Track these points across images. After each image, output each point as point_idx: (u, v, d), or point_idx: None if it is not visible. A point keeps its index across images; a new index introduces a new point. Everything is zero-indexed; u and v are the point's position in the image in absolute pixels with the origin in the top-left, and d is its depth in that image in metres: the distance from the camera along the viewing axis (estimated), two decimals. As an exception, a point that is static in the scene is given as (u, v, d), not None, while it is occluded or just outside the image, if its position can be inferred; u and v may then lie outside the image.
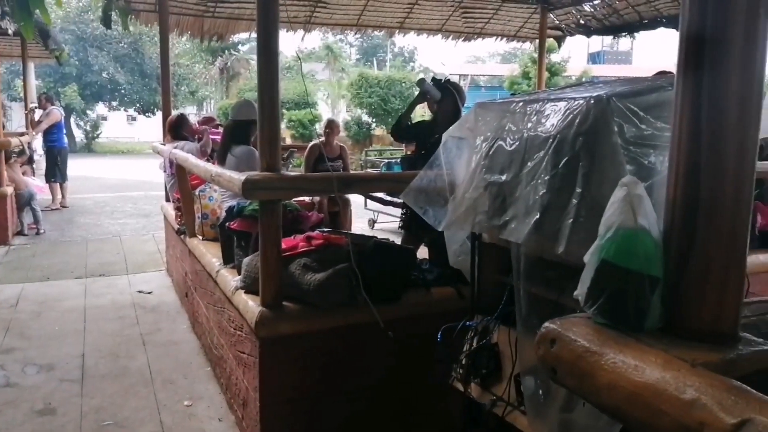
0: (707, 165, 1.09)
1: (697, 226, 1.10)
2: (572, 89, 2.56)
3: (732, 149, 1.09)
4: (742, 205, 1.11)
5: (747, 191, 1.10)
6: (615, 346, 1.07)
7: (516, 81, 21.38)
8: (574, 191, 2.00)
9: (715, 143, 1.09)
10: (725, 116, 1.09)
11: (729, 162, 1.09)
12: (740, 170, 1.10)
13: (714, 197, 1.09)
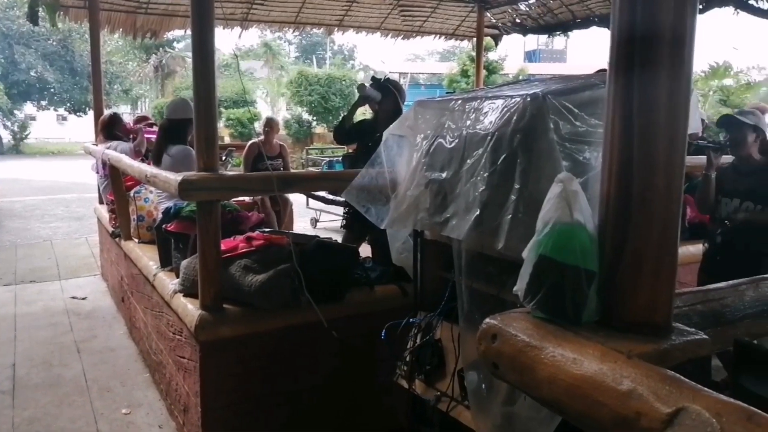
0: (639, 160, 1.12)
1: (631, 220, 1.13)
2: (509, 87, 2.60)
3: (662, 145, 1.12)
4: (673, 199, 1.14)
5: (677, 185, 1.14)
6: (554, 340, 1.09)
7: (455, 79, 21.61)
8: (512, 187, 2.03)
9: (646, 139, 1.12)
10: (655, 113, 1.12)
11: (660, 157, 1.12)
12: (670, 165, 1.13)
13: (646, 192, 1.12)
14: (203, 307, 2.95)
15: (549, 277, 1.16)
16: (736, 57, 42.74)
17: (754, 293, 1.40)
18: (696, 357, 1.07)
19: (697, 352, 1.08)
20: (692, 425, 0.83)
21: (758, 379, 1.22)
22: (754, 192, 3.61)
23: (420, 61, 50.90)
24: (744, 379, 1.24)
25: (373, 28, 7.96)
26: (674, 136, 1.13)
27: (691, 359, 1.06)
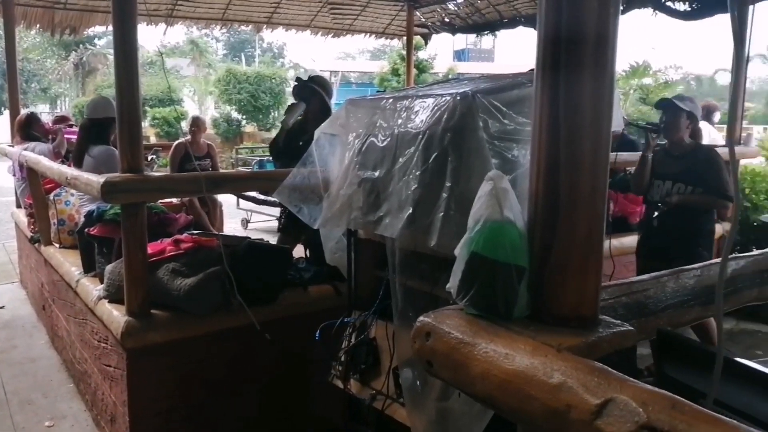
0: (566, 158, 1.15)
1: (559, 216, 1.15)
2: (439, 86, 2.63)
3: (587, 143, 1.15)
4: (598, 195, 1.17)
5: (602, 182, 1.17)
6: (486, 336, 1.10)
7: (386, 78, 21.70)
8: (444, 185, 2.05)
9: (572, 138, 1.15)
10: (580, 112, 1.15)
11: (585, 155, 1.15)
12: (595, 162, 1.16)
13: (573, 189, 1.15)
14: (129, 313, 2.86)
15: (481, 274, 1.17)
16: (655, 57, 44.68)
17: (675, 285, 1.45)
18: (622, 348, 1.10)
19: (623, 343, 1.11)
20: (620, 415, 0.85)
21: (680, 367, 1.27)
22: (685, 174, 3.79)
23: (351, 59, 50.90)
24: (667, 367, 1.29)
25: (303, 26, 7.89)
26: (599, 133, 1.16)
27: (618, 350, 1.10)
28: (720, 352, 1.05)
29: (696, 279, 1.50)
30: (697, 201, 3.74)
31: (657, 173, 3.93)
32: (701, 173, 3.73)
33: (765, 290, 1.68)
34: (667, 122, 3.87)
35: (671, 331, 1.38)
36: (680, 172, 3.81)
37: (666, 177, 3.87)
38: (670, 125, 3.84)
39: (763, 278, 1.66)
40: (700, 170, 3.73)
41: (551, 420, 0.95)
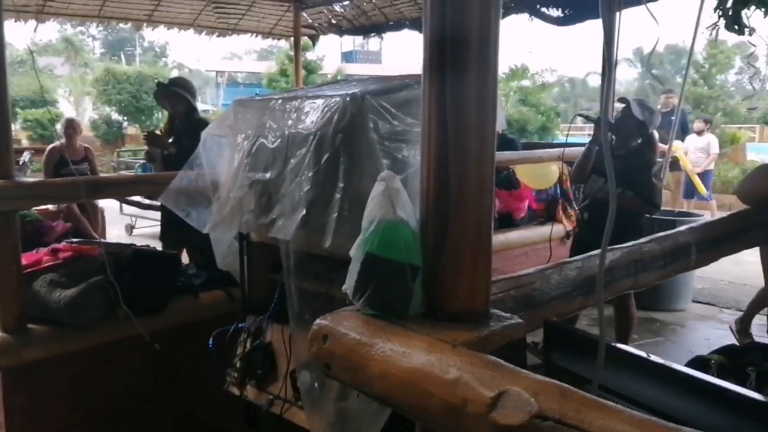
0: (454, 158, 1.17)
1: (449, 214, 1.17)
2: (329, 87, 2.62)
3: (474, 143, 1.17)
4: (486, 193, 1.20)
5: (489, 179, 1.20)
6: (383, 335, 1.10)
7: (274, 78, 21.43)
8: (337, 186, 2.05)
9: (460, 137, 1.17)
10: (466, 112, 1.17)
11: (472, 154, 1.18)
12: (482, 161, 1.19)
13: (461, 187, 1.17)
14: (4, 329, 2.65)
15: (377, 274, 1.17)
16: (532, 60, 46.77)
17: (558, 276, 1.52)
18: (513, 340, 1.14)
19: (514, 336, 1.15)
20: (514, 406, 0.88)
21: (566, 355, 1.33)
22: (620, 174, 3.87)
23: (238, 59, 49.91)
24: (554, 355, 1.35)
25: (186, 24, 7.62)
26: (484, 133, 1.19)
27: (509, 342, 1.13)
28: (602, 339, 1.10)
29: (578, 271, 1.57)
30: (622, 203, 3.86)
31: (597, 168, 4.05)
32: (634, 177, 3.83)
33: (639, 279, 1.79)
34: (617, 120, 3.98)
35: (556, 321, 1.44)
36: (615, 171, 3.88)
37: (602, 173, 3.99)
38: (619, 124, 3.96)
39: (637, 268, 1.78)
40: (634, 173, 3.82)
41: (448, 415, 0.96)
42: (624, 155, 3.93)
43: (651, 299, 5.27)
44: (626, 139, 3.94)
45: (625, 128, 3.92)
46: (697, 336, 5.21)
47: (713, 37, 3.29)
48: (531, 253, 5.26)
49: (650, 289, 1.91)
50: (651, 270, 1.85)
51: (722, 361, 1.75)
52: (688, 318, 5.62)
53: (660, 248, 1.90)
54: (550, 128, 18.31)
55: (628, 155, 3.91)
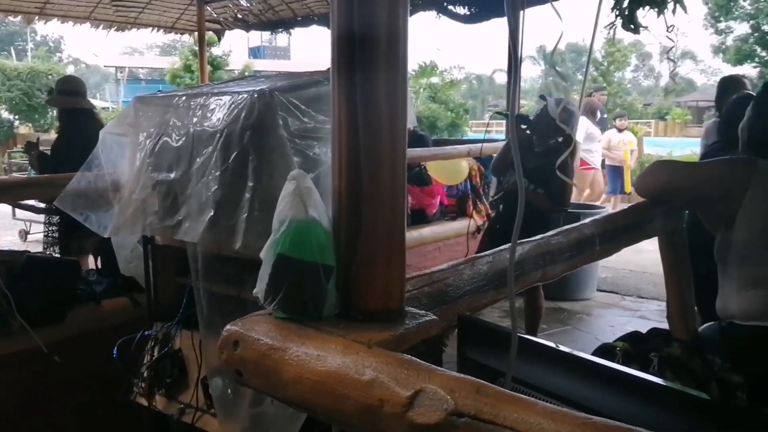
0: (366, 155, 1.16)
1: (362, 212, 1.16)
2: (236, 83, 2.57)
3: (386, 140, 1.17)
4: (398, 190, 1.20)
5: (401, 176, 1.20)
6: (297, 339, 1.08)
7: (178, 74, 20.81)
8: (246, 185, 2.01)
9: (371, 135, 1.16)
10: (377, 110, 1.16)
11: (384, 151, 1.17)
12: (394, 158, 1.18)
13: (374, 185, 1.16)
14: None
15: (288, 276, 1.15)
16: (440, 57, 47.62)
17: (470, 271, 1.54)
18: (428, 337, 1.14)
19: (429, 332, 1.15)
20: (430, 404, 0.88)
21: (480, 349, 1.35)
22: (536, 171, 3.93)
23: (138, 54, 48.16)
24: (468, 350, 1.37)
25: (81, 17, 7.26)
26: (395, 129, 1.19)
27: (424, 340, 1.13)
28: (514, 331, 1.12)
29: (489, 265, 1.60)
30: (532, 199, 3.95)
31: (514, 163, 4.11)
32: (548, 177, 3.91)
33: (547, 271, 1.85)
34: (536, 118, 4.05)
35: (470, 316, 1.46)
36: (532, 168, 3.93)
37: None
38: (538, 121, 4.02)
39: (545, 260, 1.83)
40: (548, 174, 3.91)
41: (365, 416, 0.95)
42: (542, 152, 4.04)
43: (558, 289, 5.48)
44: (545, 136, 4.05)
45: (544, 126, 4.03)
46: (602, 323, 5.47)
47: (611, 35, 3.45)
48: (444, 248, 5.36)
49: (558, 279, 1.98)
50: (558, 262, 1.91)
51: (626, 348, 1.83)
52: (593, 306, 5.89)
53: (566, 241, 1.96)
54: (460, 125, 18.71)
55: (547, 153, 4.02)
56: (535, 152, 4.07)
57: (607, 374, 1.22)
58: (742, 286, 2.13)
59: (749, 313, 2.10)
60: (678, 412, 1.10)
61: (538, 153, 4.05)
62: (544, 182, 3.95)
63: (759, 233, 2.08)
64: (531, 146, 4.13)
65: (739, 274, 2.15)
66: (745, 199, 2.07)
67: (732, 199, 2.10)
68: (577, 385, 1.18)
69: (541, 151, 4.06)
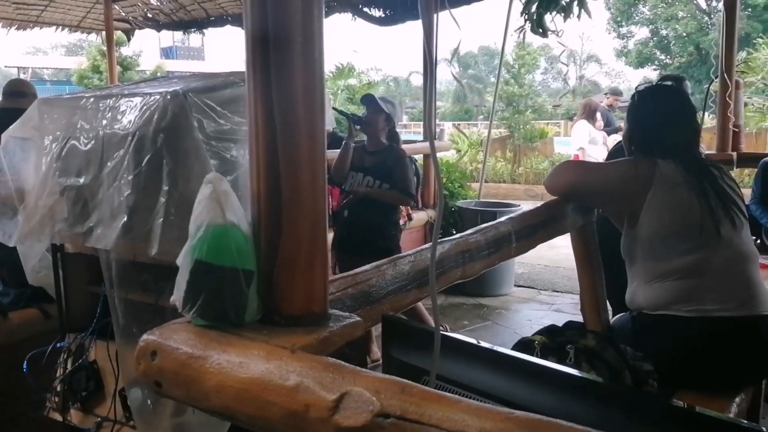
0: (284, 157, 1.14)
1: (282, 215, 1.14)
2: (147, 84, 2.49)
3: (304, 141, 1.16)
4: (319, 191, 1.19)
5: (321, 177, 1.19)
6: (218, 346, 1.05)
7: (86, 75, 19.97)
8: (161, 189, 1.95)
9: (289, 136, 1.15)
10: (294, 110, 1.15)
11: (303, 153, 1.16)
12: (313, 159, 1.17)
13: (293, 186, 1.15)
14: None
15: (207, 282, 1.11)
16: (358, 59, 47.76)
17: (393, 271, 1.55)
18: (352, 339, 1.14)
19: (353, 334, 1.15)
20: (356, 407, 0.87)
21: (404, 348, 1.36)
22: (376, 168, 4.05)
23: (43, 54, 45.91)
24: (393, 350, 1.37)
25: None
26: (314, 131, 1.18)
27: (349, 342, 1.13)
28: (437, 330, 1.13)
29: (411, 264, 1.61)
30: (381, 195, 4.04)
31: (354, 165, 4.16)
32: (390, 170, 4.03)
33: (467, 269, 1.88)
34: (367, 117, 4.12)
35: (393, 315, 1.46)
36: (372, 166, 4.07)
37: (359, 170, 4.13)
38: (369, 121, 4.09)
39: (464, 258, 1.86)
40: (389, 167, 4.03)
41: (291, 422, 0.94)
42: (376, 151, 4.17)
43: (478, 286, 5.60)
44: (377, 135, 4.18)
45: (374, 120, 4.14)
46: (520, 317, 5.63)
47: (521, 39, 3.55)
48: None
49: (477, 276, 2.02)
50: (477, 259, 1.95)
51: (544, 342, 1.89)
52: (511, 301, 6.04)
53: (484, 239, 2.01)
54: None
55: (381, 151, 4.15)
56: (370, 152, 4.21)
57: (527, 368, 1.25)
58: (649, 279, 2.23)
59: (656, 304, 2.21)
60: (595, 401, 1.14)
61: (374, 152, 4.19)
62: (386, 178, 4.05)
63: (661, 229, 2.19)
64: (365, 148, 4.26)
65: (645, 268, 2.26)
66: (647, 198, 2.18)
67: (636, 197, 2.21)
68: (499, 380, 1.20)
69: (375, 150, 4.20)
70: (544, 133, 17.07)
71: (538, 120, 18.98)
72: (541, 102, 20.19)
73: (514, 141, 16.28)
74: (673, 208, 2.18)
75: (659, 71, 28.42)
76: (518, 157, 16.06)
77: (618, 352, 1.91)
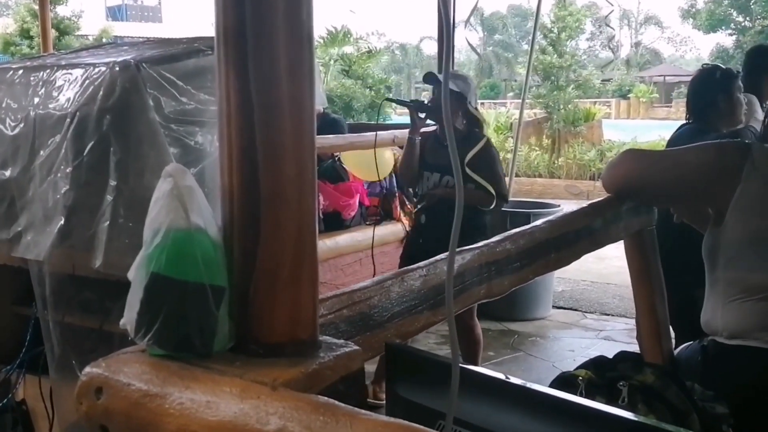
0: (263, 144, 1.15)
1: (261, 217, 1.15)
2: (90, 53, 2.51)
3: (288, 125, 1.16)
4: (307, 187, 1.19)
5: (310, 171, 1.19)
6: (180, 382, 1.06)
7: (12, 41, 20.08)
8: (107, 185, 1.97)
9: (270, 119, 1.15)
10: (276, 86, 1.15)
11: (287, 139, 1.16)
12: (300, 148, 1.18)
13: (275, 181, 1.15)
14: None
15: (166, 301, 1.12)
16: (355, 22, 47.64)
17: (400, 288, 1.55)
18: (348, 373, 1.14)
19: (350, 367, 1.15)
20: (354, 458, 0.88)
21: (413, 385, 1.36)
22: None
23: (-42, 15, 46.14)
24: (399, 386, 1.37)
25: None
26: (301, 111, 1.18)
27: (344, 376, 1.13)
28: (455, 362, 1.14)
29: (422, 279, 1.62)
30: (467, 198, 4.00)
31: (426, 163, 4.16)
32: (472, 164, 4.01)
33: (493, 285, 1.88)
34: (434, 101, 4.10)
35: (400, 344, 1.47)
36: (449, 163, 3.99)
37: (435, 168, 4.13)
38: (438, 105, 4.05)
39: (490, 272, 1.86)
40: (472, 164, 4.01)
41: (271, 477, 0.94)
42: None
43: (507, 308, 5.61)
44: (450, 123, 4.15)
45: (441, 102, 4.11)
46: (560, 347, 5.64)
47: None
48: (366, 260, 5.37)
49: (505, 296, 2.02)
50: (506, 274, 1.95)
51: (590, 377, 1.89)
52: (549, 327, 6.06)
53: (515, 247, 2.01)
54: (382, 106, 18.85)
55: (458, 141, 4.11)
56: (445, 145, 4.16)
57: (569, 410, 1.25)
58: (730, 296, 2.20)
59: (735, 329, 2.19)
60: (654, 451, 1.14)
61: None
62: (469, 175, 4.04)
63: (750, 233, 2.16)
64: (437, 139, 4.25)
65: (726, 281, 2.23)
66: (736, 193, 2.15)
67: (721, 191, 2.19)
68: (533, 425, 1.21)
69: None
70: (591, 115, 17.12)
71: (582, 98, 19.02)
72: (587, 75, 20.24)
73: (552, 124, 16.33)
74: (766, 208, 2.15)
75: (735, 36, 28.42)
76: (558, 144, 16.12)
77: (683, 391, 1.91)
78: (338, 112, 13.28)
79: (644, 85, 35.34)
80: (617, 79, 36.22)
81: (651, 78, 40.87)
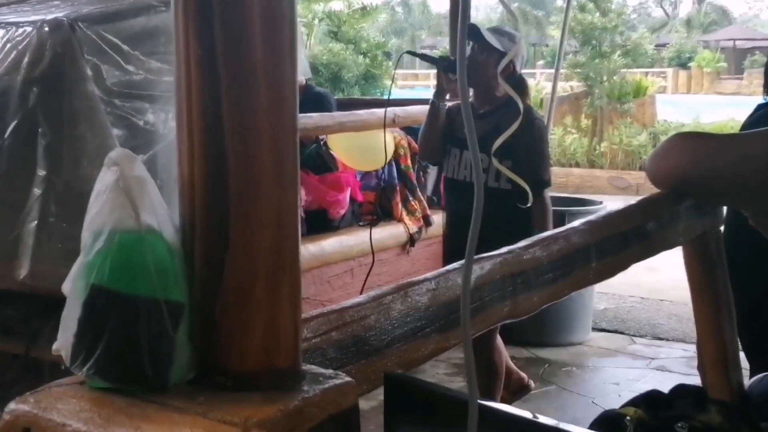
0: (232, 123, 1.15)
1: (229, 215, 1.15)
2: (12, 9, 2.51)
3: (264, 100, 1.16)
4: (286, 179, 1.19)
5: (290, 158, 1.19)
6: (128, 421, 1.06)
7: None
8: (35, 176, 1.98)
9: (239, 92, 1.15)
10: (249, 51, 1.15)
11: (261, 118, 1.16)
12: (278, 129, 1.18)
13: (247, 171, 1.15)
14: None
15: (110, 321, 1.12)
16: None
17: (402, 305, 1.55)
18: (339, 411, 1.14)
19: (340, 403, 1.15)
20: None
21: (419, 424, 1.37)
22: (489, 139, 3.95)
23: None
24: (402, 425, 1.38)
25: None
26: (280, 83, 1.19)
27: (333, 414, 1.14)
28: (473, 397, 1.14)
29: (430, 294, 1.61)
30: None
31: (455, 138, 4.09)
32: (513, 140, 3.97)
33: (519, 302, 1.87)
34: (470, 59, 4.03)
35: (402, 375, 1.47)
36: (483, 136, 3.91)
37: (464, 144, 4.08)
38: (474, 64, 3.99)
39: (516, 285, 1.85)
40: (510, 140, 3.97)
41: None
42: (490, 112, 4.08)
43: (536, 330, 5.62)
44: (488, 87, 4.09)
45: (484, 71, 4.07)
46: (603, 380, 5.64)
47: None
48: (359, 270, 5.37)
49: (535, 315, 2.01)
50: (536, 287, 1.94)
51: (641, 417, 1.89)
52: (588, 354, 6.06)
53: (547, 255, 2.00)
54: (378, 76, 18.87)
55: (496, 111, 4.07)
56: (478, 114, 4.09)
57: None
58: None
59: None
60: None
61: (483, 114, 4.10)
62: (508, 152, 4.00)
63: None
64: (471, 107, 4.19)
65: None
66: None
67: None
68: (571, 476, 1.21)
69: (486, 110, 4.12)
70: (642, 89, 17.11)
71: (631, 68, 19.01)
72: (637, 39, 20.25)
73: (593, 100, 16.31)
74: None
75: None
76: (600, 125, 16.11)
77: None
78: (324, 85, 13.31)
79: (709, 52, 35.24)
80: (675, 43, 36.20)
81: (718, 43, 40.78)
